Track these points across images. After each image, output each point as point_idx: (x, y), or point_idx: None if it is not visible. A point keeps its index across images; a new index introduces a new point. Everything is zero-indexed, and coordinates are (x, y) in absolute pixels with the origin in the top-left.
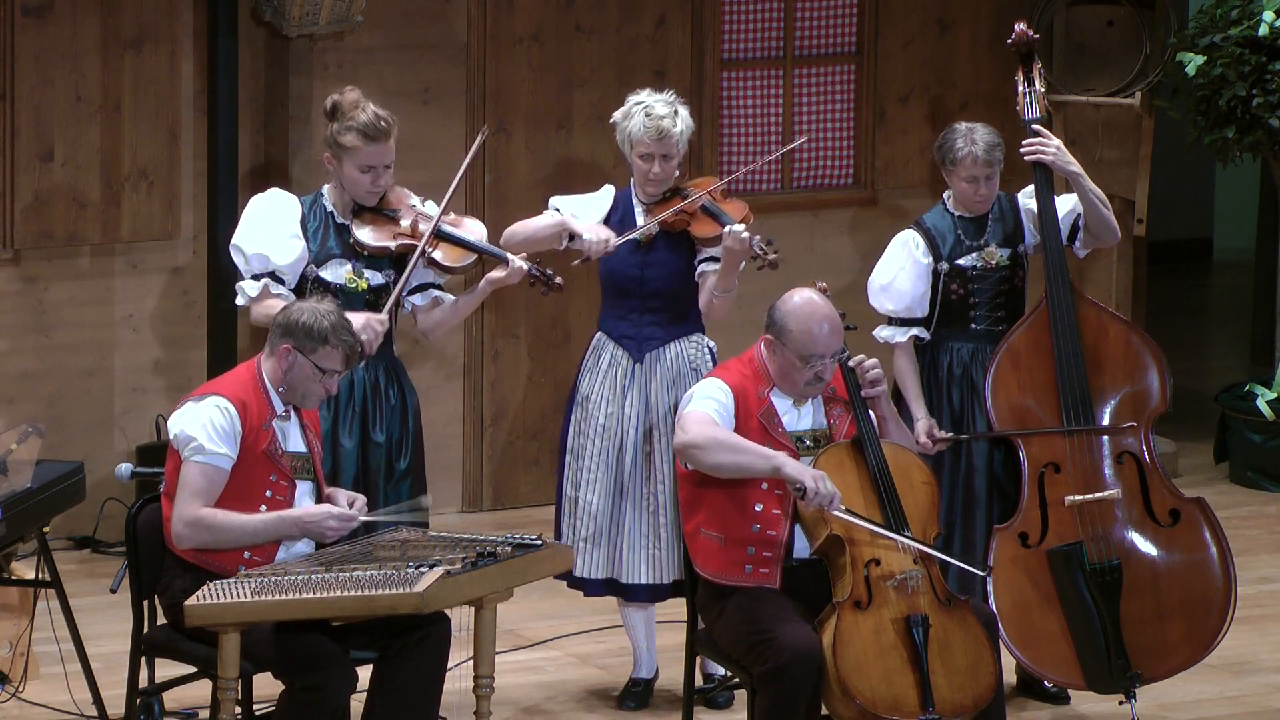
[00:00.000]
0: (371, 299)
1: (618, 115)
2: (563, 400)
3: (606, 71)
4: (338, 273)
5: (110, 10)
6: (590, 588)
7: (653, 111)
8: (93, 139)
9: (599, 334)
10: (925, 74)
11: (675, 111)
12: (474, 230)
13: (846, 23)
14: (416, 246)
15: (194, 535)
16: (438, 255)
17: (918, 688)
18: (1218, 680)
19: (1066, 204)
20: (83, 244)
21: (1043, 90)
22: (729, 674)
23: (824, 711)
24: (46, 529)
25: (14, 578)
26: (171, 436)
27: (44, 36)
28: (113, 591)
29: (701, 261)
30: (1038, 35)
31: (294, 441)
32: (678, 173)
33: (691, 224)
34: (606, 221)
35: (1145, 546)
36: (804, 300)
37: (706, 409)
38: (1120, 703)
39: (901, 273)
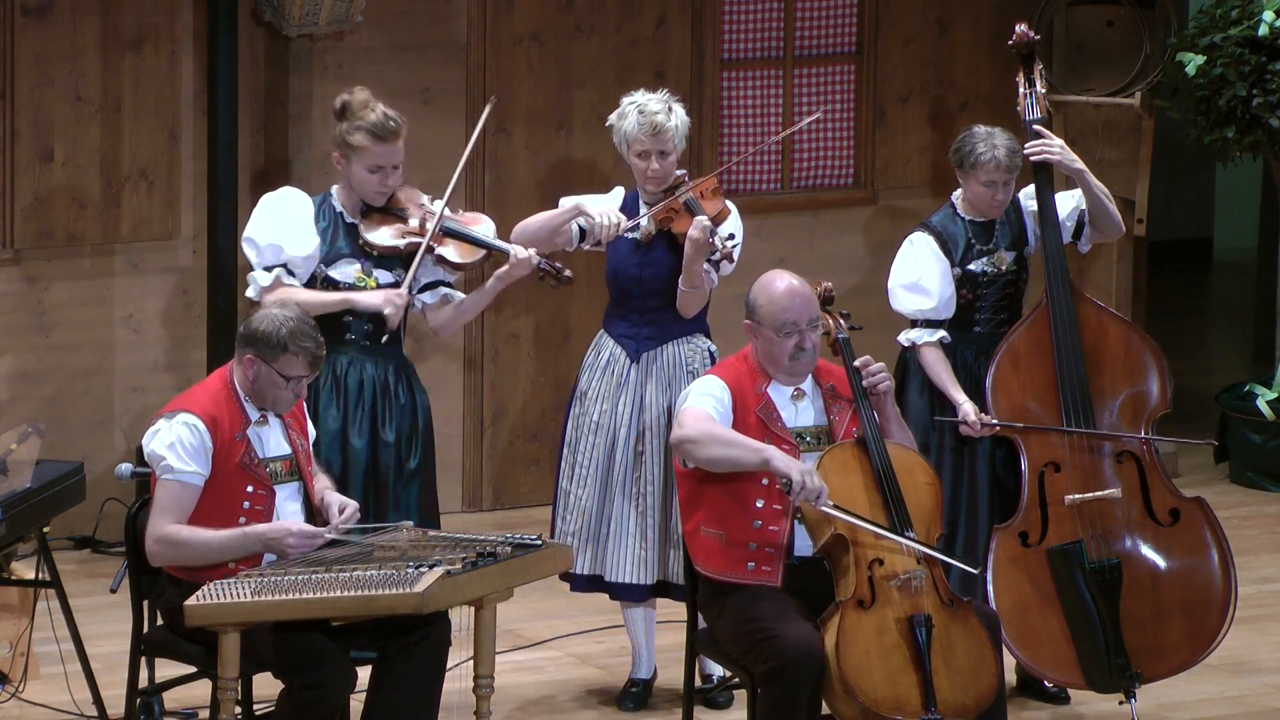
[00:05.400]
0: None
1: (613, 117)
2: (563, 400)
3: (606, 71)
4: (346, 272)
5: (110, 10)
6: (576, 583)
7: (646, 108)
8: (93, 139)
9: (601, 332)
10: (925, 74)
11: (669, 108)
12: (482, 226)
13: (846, 23)
14: (423, 244)
15: (163, 552)
16: (445, 252)
17: (920, 688)
18: (1218, 680)
19: (1068, 202)
20: (83, 244)
21: (1043, 91)
22: (729, 674)
23: (825, 710)
24: (46, 529)
25: (14, 578)
26: (146, 455)
27: (44, 36)
28: (113, 591)
29: None
30: (1038, 36)
31: (275, 445)
32: (679, 171)
33: (674, 221)
34: None
35: (1145, 546)
36: (770, 276)
37: (704, 405)
38: (1120, 703)
39: (928, 273)
